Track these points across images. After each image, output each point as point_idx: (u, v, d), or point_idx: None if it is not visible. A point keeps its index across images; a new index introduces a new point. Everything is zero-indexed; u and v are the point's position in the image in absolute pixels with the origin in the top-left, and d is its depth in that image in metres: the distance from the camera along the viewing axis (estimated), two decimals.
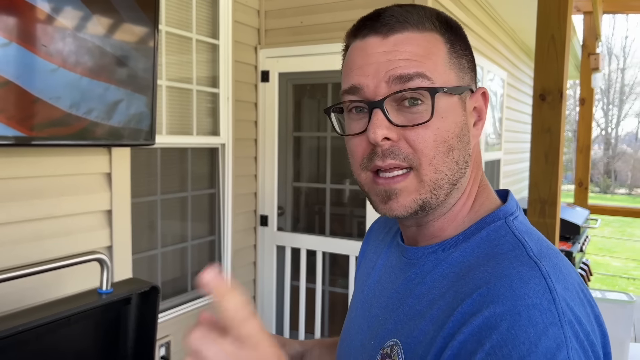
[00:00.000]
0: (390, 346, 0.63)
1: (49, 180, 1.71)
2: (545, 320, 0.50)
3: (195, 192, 2.61)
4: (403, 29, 0.61)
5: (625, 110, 23.50)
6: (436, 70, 0.60)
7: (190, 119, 2.52)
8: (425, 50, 0.60)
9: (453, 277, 0.60)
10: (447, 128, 0.61)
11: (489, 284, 0.55)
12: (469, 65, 0.65)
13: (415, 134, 0.60)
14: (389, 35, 0.61)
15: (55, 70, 1.41)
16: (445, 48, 0.62)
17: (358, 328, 0.73)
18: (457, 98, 0.62)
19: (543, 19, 2.15)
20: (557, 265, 0.57)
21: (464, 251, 0.62)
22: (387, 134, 0.60)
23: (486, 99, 0.66)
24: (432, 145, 0.60)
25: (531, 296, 0.52)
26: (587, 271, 3.66)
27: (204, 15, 2.57)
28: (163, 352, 2.36)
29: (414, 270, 0.66)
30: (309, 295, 2.89)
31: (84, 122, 1.51)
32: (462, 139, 0.62)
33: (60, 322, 1.16)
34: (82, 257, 1.19)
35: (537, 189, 2.19)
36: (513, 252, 0.58)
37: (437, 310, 0.59)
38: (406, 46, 0.60)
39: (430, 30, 0.62)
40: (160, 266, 2.42)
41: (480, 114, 0.66)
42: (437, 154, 0.60)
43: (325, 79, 2.81)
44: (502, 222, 0.63)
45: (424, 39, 0.61)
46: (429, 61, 0.60)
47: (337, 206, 2.90)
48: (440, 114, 0.60)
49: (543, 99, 2.21)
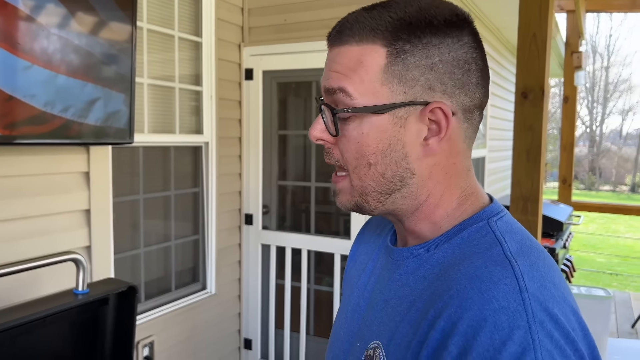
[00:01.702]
0: (373, 348, 0.63)
1: (24, 180, 1.68)
2: (512, 324, 0.50)
3: (178, 191, 2.59)
4: (345, 41, 0.62)
5: (609, 108, 23.83)
6: (362, 85, 0.61)
7: (173, 118, 2.50)
8: (355, 63, 0.61)
9: (432, 277, 0.60)
10: (368, 143, 0.62)
11: (459, 284, 0.55)
12: (425, 76, 0.60)
13: (340, 144, 0.64)
14: (334, 46, 0.64)
15: (29, 67, 1.38)
16: (382, 62, 0.60)
17: (348, 330, 0.73)
18: (386, 116, 0.61)
19: (525, 17, 2.17)
20: (535, 264, 0.57)
21: (445, 252, 0.62)
22: (318, 136, 0.65)
23: (446, 113, 0.61)
24: (353, 157, 0.64)
25: (499, 299, 0.52)
26: (570, 267, 3.70)
27: (187, 12, 2.55)
28: (147, 352, 2.34)
29: (399, 272, 0.66)
30: (294, 294, 2.89)
31: (60, 121, 1.48)
32: (388, 156, 0.62)
33: (35, 323, 1.14)
34: (57, 258, 1.17)
35: (519, 186, 2.20)
36: (489, 252, 0.58)
37: (415, 312, 0.59)
38: (340, 57, 0.62)
39: (369, 42, 0.60)
40: (143, 266, 2.40)
41: (439, 128, 0.62)
42: (358, 165, 0.64)
43: (309, 77, 2.81)
44: (485, 222, 0.62)
45: (358, 51, 0.61)
46: (354, 74, 0.61)
47: (322, 204, 2.89)
48: (361, 129, 0.62)
49: (525, 97, 2.23)
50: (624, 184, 22.04)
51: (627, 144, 23.40)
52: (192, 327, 2.60)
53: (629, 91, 23.98)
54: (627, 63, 24.98)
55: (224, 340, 2.86)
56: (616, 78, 23.82)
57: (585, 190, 20.79)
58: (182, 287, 2.64)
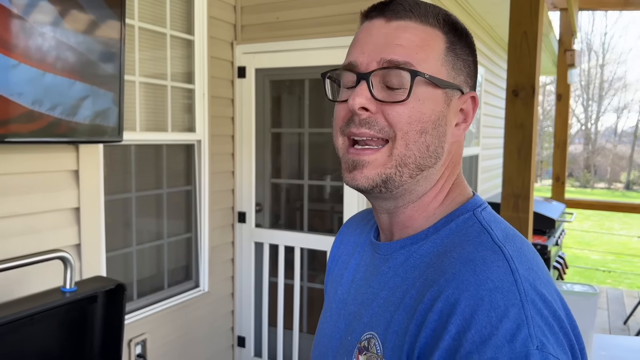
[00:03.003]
0: (367, 339, 0.65)
1: (12, 178, 1.68)
2: (507, 302, 0.53)
3: (171, 189, 2.59)
4: (407, 17, 0.64)
5: (604, 105, 23.90)
6: (426, 62, 0.64)
7: (166, 116, 2.49)
8: (422, 41, 0.64)
9: (423, 266, 0.63)
10: (424, 111, 0.64)
11: (454, 268, 0.58)
12: (466, 70, 0.68)
13: (392, 109, 0.63)
14: (392, 20, 0.65)
15: (16, 65, 1.38)
16: (443, 45, 0.65)
17: (335, 327, 0.74)
18: (441, 91, 0.65)
19: (515, 15, 2.18)
20: (521, 249, 0.61)
21: (434, 242, 0.65)
22: (365, 103, 0.63)
23: (475, 103, 0.69)
24: (406, 121, 0.63)
25: (493, 280, 0.55)
26: (562, 265, 3.72)
27: (179, 10, 2.55)
28: (139, 350, 2.35)
29: (388, 265, 0.68)
30: (287, 292, 2.89)
31: (48, 119, 1.48)
32: (437, 128, 0.65)
33: (22, 321, 1.14)
34: (45, 256, 1.17)
35: (511, 183, 2.22)
36: (478, 238, 0.61)
37: (410, 299, 0.61)
38: (405, 33, 0.64)
39: (432, 26, 0.65)
40: (135, 264, 2.40)
41: (466, 117, 0.69)
42: (410, 130, 0.63)
43: (302, 75, 2.81)
44: (471, 213, 0.66)
45: (423, 31, 0.64)
46: (422, 52, 0.64)
47: (315, 202, 2.90)
48: (418, 97, 0.64)
49: (516, 95, 2.24)
50: (619, 181, 22.13)
51: (622, 142, 23.49)
52: (185, 325, 2.60)
53: (624, 89, 24.05)
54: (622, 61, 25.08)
55: (217, 337, 2.86)
56: (611, 76, 23.88)
57: (580, 188, 20.87)
58: (174, 285, 2.64)
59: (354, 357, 0.66)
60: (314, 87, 2.81)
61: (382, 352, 0.62)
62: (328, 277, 0.87)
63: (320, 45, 2.63)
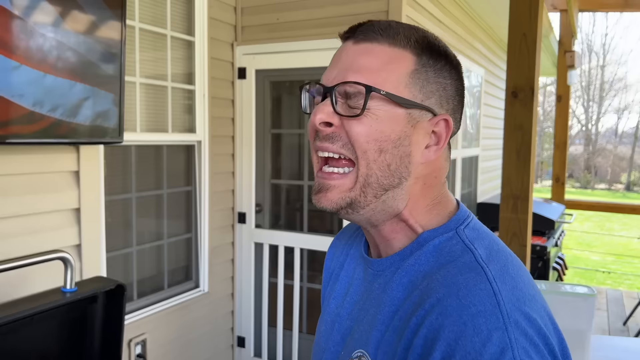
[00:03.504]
0: (357, 357, 0.66)
1: (13, 179, 1.68)
2: (490, 326, 0.54)
3: (171, 190, 2.59)
4: (374, 40, 0.65)
5: (605, 106, 23.89)
6: (387, 83, 0.64)
7: (166, 116, 2.50)
8: (384, 63, 0.64)
9: (411, 287, 0.64)
10: (382, 129, 0.64)
11: (438, 293, 0.58)
12: (440, 92, 0.67)
13: (351, 126, 0.64)
14: (360, 42, 0.66)
15: (18, 67, 1.39)
16: (411, 67, 0.65)
17: (329, 340, 0.75)
18: (403, 111, 0.65)
19: (515, 16, 2.18)
20: (505, 267, 0.61)
21: (418, 258, 0.66)
22: (325, 118, 0.65)
23: (448, 126, 0.68)
24: (365, 140, 0.64)
25: (476, 304, 0.55)
26: (562, 266, 3.72)
27: (179, 12, 2.56)
28: (139, 351, 2.35)
29: (378, 282, 0.69)
30: (287, 292, 2.90)
31: (49, 120, 1.49)
32: (398, 147, 0.65)
33: (23, 321, 1.15)
34: (45, 256, 1.18)
35: (510, 184, 2.22)
36: (461, 259, 0.62)
37: (398, 320, 0.62)
38: (368, 56, 0.64)
39: (401, 47, 0.65)
40: (135, 264, 2.41)
41: (438, 139, 0.68)
42: (369, 149, 0.64)
43: (302, 76, 2.81)
44: (453, 232, 0.66)
45: (387, 53, 0.64)
46: (382, 73, 0.64)
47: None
48: (375, 114, 0.64)
49: (515, 96, 2.24)
50: (620, 182, 22.12)
51: (623, 143, 23.48)
52: (184, 325, 2.61)
53: (625, 90, 24.04)
54: (622, 62, 25.09)
55: (217, 338, 2.87)
56: (612, 77, 23.87)
57: (580, 189, 20.86)
58: (174, 285, 2.64)
59: None
60: None
61: None
62: (324, 289, 0.88)
63: (320, 47, 2.64)
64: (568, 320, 0.99)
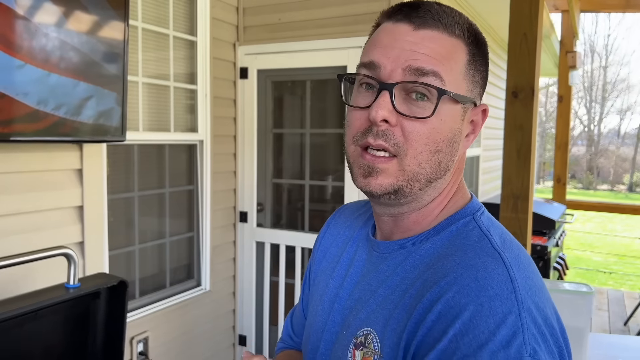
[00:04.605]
0: (364, 335, 0.66)
1: (17, 176, 1.70)
2: (505, 309, 0.55)
3: (173, 189, 2.61)
4: (434, 27, 0.63)
5: (607, 107, 23.84)
6: (451, 75, 0.63)
7: (168, 116, 2.52)
8: (448, 53, 0.63)
9: (423, 267, 0.64)
10: (442, 130, 0.64)
11: (456, 272, 0.59)
12: (482, 82, 0.68)
13: (412, 126, 0.63)
14: (420, 29, 0.63)
15: (22, 66, 1.40)
16: (465, 58, 0.65)
17: (328, 321, 0.75)
18: (460, 107, 0.65)
19: (515, 17, 2.19)
20: (518, 256, 0.62)
21: (434, 244, 0.66)
22: (387, 116, 0.62)
23: (485, 115, 0.69)
24: (423, 142, 0.63)
25: (494, 287, 0.56)
26: (563, 266, 3.73)
27: (182, 12, 2.57)
28: (141, 348, 2.37)
29: (386, 263, 0.69)
30: (288, 291, 2.91)
31: (53, 119, 1.51)
32: (451, 145, 0.65)
33: (27, 316, 1.16)
34: (49, 252, 1.19)
35: (510, 184, 2.23)
36: (479, 244, 0.63)
37: (409, 298, 0.62)
38: (432, 43, 0.63)
39: (457, 37, 0.64)
40: (138, 262, 2.42)
41: (475, 128, 0.69)
42: (425, 150, 0.63)
43: (304, 76, 2.83)
44: (470, 217, 0.67)
45: (449, 43, 0.64)
46: (447, 64, 0.63)
47: (316, 202, 2.92)
48: (440, 115, 0.63)
49: (515, 96, 2.26)
50: (622, 183, 22.08)
51: (625, 144, 23.43)
52: (186, 324, 2.62)
53: (627, 90, 24.00)
54: (625, 62, 25.02)
55: (218, 336, 2.89)
56: (614, 77, 23.82)
57: (583, 190, 20.83)
58: (176, 283, 2.66)
59: (349, 352, 0.67)
60: (316, 88, 2.84)
61: (380, 348, 0.63)
62: (317, 267, 0.86)
63: (321, 47, 2.65)
64: (566, 317, 0.99)
